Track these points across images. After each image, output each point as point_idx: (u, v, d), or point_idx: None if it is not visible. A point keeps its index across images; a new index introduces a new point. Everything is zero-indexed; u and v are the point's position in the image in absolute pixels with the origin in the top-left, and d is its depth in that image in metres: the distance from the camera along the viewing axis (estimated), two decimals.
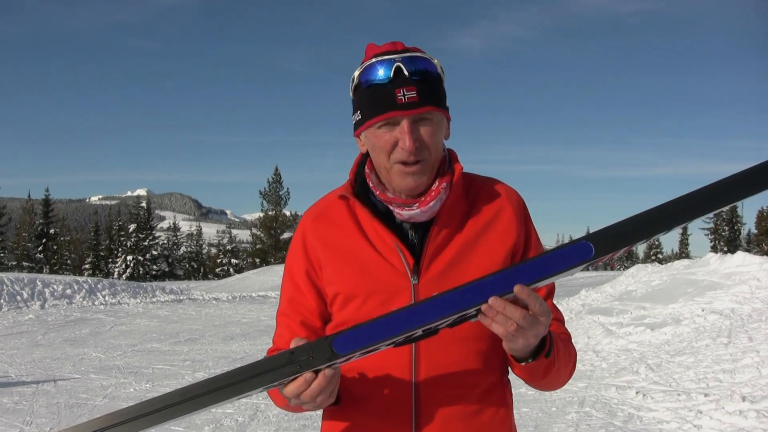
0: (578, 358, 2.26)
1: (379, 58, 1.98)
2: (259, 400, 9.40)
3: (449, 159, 2.17)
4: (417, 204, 2.04)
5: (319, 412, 2.26)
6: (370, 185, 2.13)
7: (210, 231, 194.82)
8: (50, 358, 13.38)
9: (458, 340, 2.03)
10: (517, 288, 1.69)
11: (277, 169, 76.22)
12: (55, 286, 25.93)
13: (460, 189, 2.12)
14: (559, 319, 2.20)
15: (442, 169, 2.11)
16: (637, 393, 9.30)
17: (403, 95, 1.93)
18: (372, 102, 1.99)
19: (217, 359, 13.32)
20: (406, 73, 1.94)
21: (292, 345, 1.82)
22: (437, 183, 2.07)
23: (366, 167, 2.18)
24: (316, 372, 1.79)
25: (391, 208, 2.09)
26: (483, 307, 1.71)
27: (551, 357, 1.96)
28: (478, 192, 2.18)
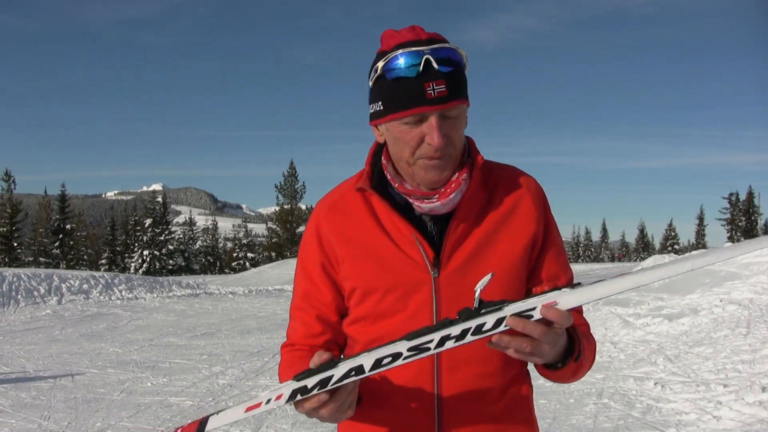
0: (596, 349, 2.22)
1: (406, 50, 1.89)
2: None
3: (468, 148, 2.12)
4: (437, 196, 1.99)
5: None
6: (388, 177, 2.08)
7: (226, 225, 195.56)
8: (67, 353, 13.42)
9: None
10: (543, 310, 1.63)
11: (292, 163, 76.45)
12: (71, 282, 26.05)
13: (479, 179, 2.07)
14: (578, 309, 2.14)
15: (461, 159, 2.06)
16: (655, 384, 9.25)
17: (433, 89, 1.85)
18: (399, 96, 1.90)
19: (234, 353, 13.33)
20: (435, 66, 1.86)
21: (315, 360, 1.76)
22: (457, 174, 2.01)
23: (382, 158, 2.12)
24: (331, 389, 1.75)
25: (410, 200, 2.04)
26: (494, 338, 1.65)
27: (580, 360, 1.93)
28: (497, 181, 2.13)
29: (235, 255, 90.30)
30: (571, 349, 1.88)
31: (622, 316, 14.92)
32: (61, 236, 74.16)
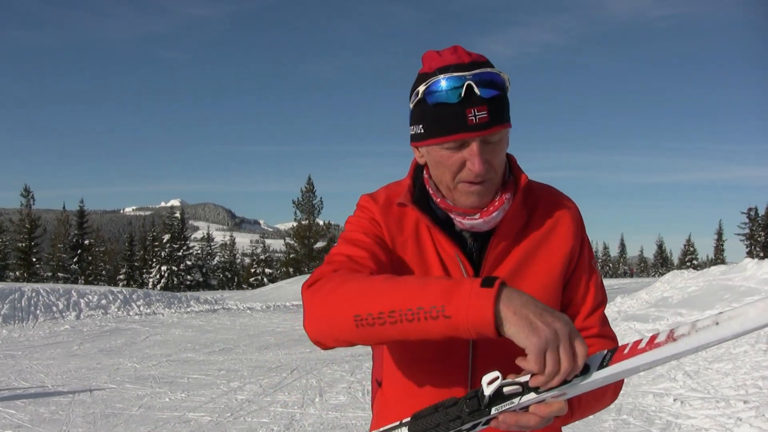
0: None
1: (448, 75, 1.86)
2: (294, 409, 9.40)
3: (509, 166, 2.11)
4: (479, 213, 1.97)
5: (353, 411, 2.19)
6: (430, 192, 2.07)
7: (243, 241, 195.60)
8: (86, 368, 13.46)
9: (510, 356, 1.99)
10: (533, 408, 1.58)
11: (309, 179, 76.62)
12: (90, 297, 26.18)
13: (521, 199, 2.06)
14: (605, 335, 2.12)
15: (503, 178, 2.04)
16: (675, 400, 9.19)
17: (474, 116, 1.83)
18: (440, 121, 1.88)
19: (252, 369, 13.32)
20: (477, 92, 1.83)
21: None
22: (500, 194, 2.00)
23: (425, 173, 2.11)
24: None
25: (452, 216, 2.02)
26: (493, 422, 1.59)
27: (563, 415, 1.80)
28: (536, 201, 2.13)
29: (252, 270, 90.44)
30: None
31: (641, 331, 14.85)
32: (79, 251, 74.56)
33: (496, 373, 1.54)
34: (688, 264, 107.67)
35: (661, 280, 26.39)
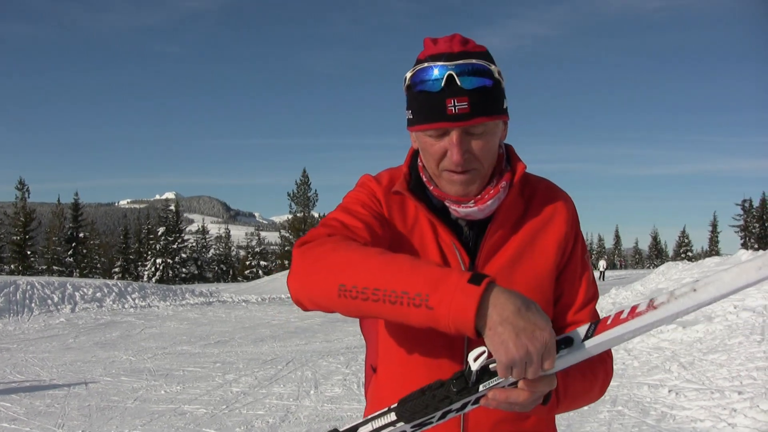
0: (612, 355, 2.18)
1: (432, 63, 1.87)
2: (289, 401, 9.41)
3: (507, 155, 2.11)
4: (473, 201, 1.97)
5: (349, 403, 2.17)
6: (424, 179, 2.07)
7: (239, 233, 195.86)
8: (81, 361, 13.46)
9: None
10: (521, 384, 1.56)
11: (305, 171, 76.62)
12: (85, 290, 26.16)
13: (518, 188, 2.07)
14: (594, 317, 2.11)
15: (500, 167, 2.04)
16: (669, 391, 9.22)
17: (454, 106, 1.83)
18: (422, 108, 1.89)
19: (248, 361, 13.33)
20: (458, 82, 1.83)
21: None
22: (495, 182, 2.00)
23: (419, 161, 2.11)
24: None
25: (447, 204, 2.02)
26: (482, 400, 1.59)
27: (549, 404, 1.83)
28: (533, 192, 2.13)
29: (248, 263, 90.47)
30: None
31: None
32: (74, 244, 74.43)
33: (482, 348, 1.54)
34: (683, 256, 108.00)
35: (655, 271, 26.46)
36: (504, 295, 1.51)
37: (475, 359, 1.53)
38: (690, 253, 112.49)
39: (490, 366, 1.57)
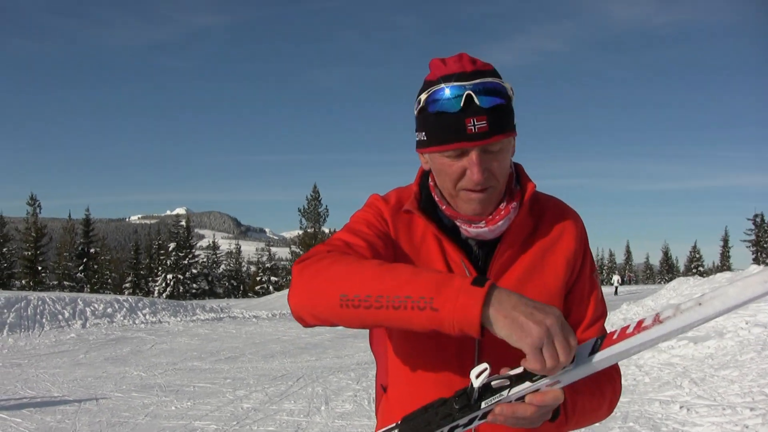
0: (621, 372, 2.19)
1: (449, 84, 1.87)
2: (300, 417, 9.41)
3: (516, 174, 2.12)
4: (484, 222, 1.99)
5: (359, 420, 2.18)
6: (435, 199, 2.08)
7: (249, 249, 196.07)
8: (92, 377, 13.48)
9: (516, 360, 1.97)
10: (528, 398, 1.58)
11: (315, 187, 76.60)
12: (96, 305, 26.20)
13: (527, 207, 2.07)
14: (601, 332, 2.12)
15: (509, 186, 2.05)
16: (681, 407, 9.18)
17: (474, 125, 1.84)
18: (440, 129, 1.89)
19: (258, 377, 13.34)
20: (477, 102, 1.84)
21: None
22: (506, 202, 2.01)
23: (430, 180, 2.12)
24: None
25: (458, 223, 2.03)
26: (489, 416, 1.60)
27: (557, 420, 1.85)
28: (542, 211, 2.14)
29: (258, 279, 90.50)
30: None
31: None
32: (85, 260, 74.59)
33: (484, 365, 1.54)
34: (694, 271, 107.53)
35: (666, 287, 26.38)
36: (506, 293, 1.54)
37: (477, 376, 1.54)
38: (701, 268, 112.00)
39: (493, 383, 1.58)
